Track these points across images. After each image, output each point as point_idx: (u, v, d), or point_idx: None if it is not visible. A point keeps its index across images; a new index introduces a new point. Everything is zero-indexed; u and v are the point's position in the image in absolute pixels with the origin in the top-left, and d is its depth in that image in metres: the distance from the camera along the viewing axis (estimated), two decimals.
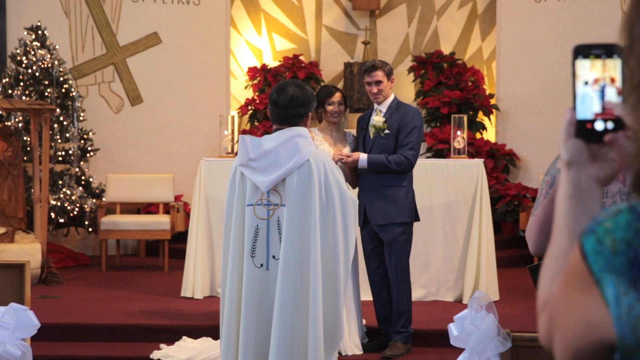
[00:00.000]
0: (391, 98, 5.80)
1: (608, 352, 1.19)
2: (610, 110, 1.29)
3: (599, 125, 1.30)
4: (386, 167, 5.61)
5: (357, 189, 5.90)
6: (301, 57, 10.57)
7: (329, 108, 5.73)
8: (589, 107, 1.31)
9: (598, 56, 1.31)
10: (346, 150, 5.80)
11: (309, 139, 4.06)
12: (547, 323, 1.28)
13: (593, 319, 1.18)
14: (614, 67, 1.30)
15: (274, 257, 4.02)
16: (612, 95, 1.30)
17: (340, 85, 10.85)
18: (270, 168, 4.00)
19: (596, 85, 1.31)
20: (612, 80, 1.30)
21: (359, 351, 5.78)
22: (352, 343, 5.76)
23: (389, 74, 5.76)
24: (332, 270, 4.01)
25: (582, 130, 1.32)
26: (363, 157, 5.63)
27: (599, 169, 1.32)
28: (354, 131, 6.01)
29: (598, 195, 1.33)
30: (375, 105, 5.82)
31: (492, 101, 10.23)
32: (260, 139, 4.07)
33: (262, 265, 4.03)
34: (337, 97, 5.76)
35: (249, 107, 10.34)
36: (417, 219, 5.81)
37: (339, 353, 5.69)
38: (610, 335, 1.17)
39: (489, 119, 10.24)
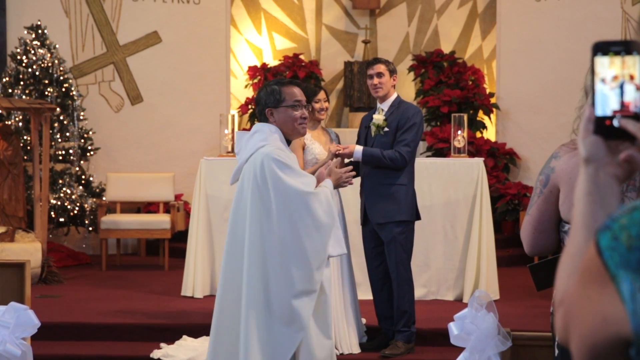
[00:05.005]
0: (394, 97, 5.83)
1: (624, 348, 1.19)
2: (628, 107, 1.30)
3: (618, 122, 1.30)
4: (380, 160, 5.63)
5: (357, 188, 5.92)
6: (301, 56, 10.57)
7: (316, 106, 5.85)
8: (607, 104, 1.31)
9: (617, 53, 1.31)
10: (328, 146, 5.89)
11: (264, 134, 4.05)
12: (564, 319, 1.28)
13: (609, 314, 1.19)
14: (632, 64, 1.30)
15: None
16: (630, 92, 1.30)
17: (340, 85, 10.87)
18: (238, 162, 4.14)
19: (615, 83, 1.31)
20: (631, 77, 1.30)
21: (356, 350, 5.79)
22: (349, 341, 5.77)
23: (391, 71, 5.80)
24: (277, 259, 3.93)
25: (601, 127, 1.32)
26: (358, 149, 5.67)
27: (617, 166, 1.33)
28: (335, 129, 6.12)
29: (616, 192, 1.33)
30: (378, 104, 5.84)
31: (492, 100, 10.23)
32: (243, 134, 4.19)
33: None
34: (322, 94, 5.92)
35: (249, 106, 10.34)
36: (418, 217, 5.81)
37: (336, 350, 5.70)
38: (626, 331, 1.18)
39: (489, 118, 10.24)
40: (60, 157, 9.23)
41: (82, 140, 9.37)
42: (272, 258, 3.92)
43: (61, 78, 9.15)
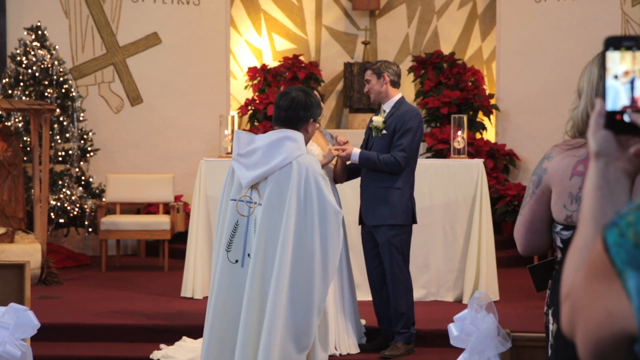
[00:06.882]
0: (396, 97, 5.81)
1: (629, 344, 1.20)
2: (638, 102, 1.30)
3: (628, 117, 1.31)
4: (375, 164, 5.62)
5: (357, 189, 5.93)
6: (301, 57, 10.57)
7: None
8: (618, 99, 1.32)
9: (629, 48, 1.31)
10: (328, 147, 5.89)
11: (298, 143, 4.02)
12: (570, 313, 1.29)
13: (614, 310, 1.19)
14: None
15: (249, 255, 4.02)
16: None
17: (340, 86, 10.87)
18: (255, 165, 4.01)
19: (625, 78, 1.31)
20: None
21: (354, 350, 5.79)
22: (347, 342, 5.77)
23: (378, 73, 5.77)
24: (306, 275, 3.94)
25: (611, 121, 1.32)
26: (356, 151, 5.67)
27: (627, 161, 1.33)
28: (331, 131, 6.11)
29: (626, 187, 1.34)
30: (382, 105, 5.85)
31: (492, 101, 10.23)
32: (253, 136, 4.10)
33: (237, 261, 4.03)
34: (317, 94, 5.88)
35: (249, 107, 10.34)
36: (414, 221, 5.79)
37: (335, 350, 5.70)
38: (631, 327, 1.18)
39: (489, 119, 10.24)
40: (60, 158, 9.23)
41: (82, 141, 9.36)
42: (300, 273, 3.92)
43: (61, 79, 9.15)
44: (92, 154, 9.49)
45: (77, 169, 9.29)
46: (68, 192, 9.06)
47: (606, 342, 1.21)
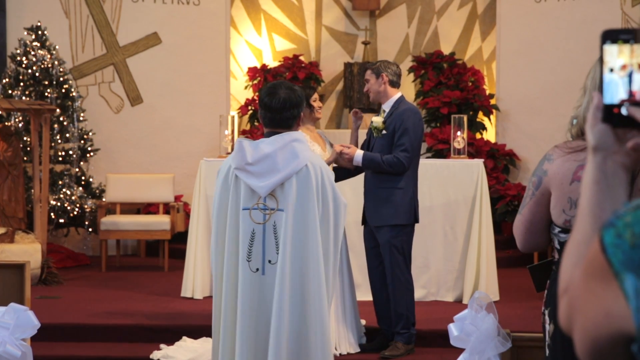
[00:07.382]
0: (396, 97, 5.80)
1: (626, 343, 1.20)
2: (636, 96, 1.30)
3: (626, 111, 1.31)
4: (379, 165, 5.62)
5: (357, 189, 5.93)
6: (301, 57, 10.57)
7: (315, 105, 5.84)
8: (615, 92, 1.31)
9: (626, 41, 1.31)
10: (328, 147, 5.89)
11: (305, 144, 4.05)
12: (567, 309, 1.29)
13: (612, 310, 1.19)
14: None
15: (269, 261, 4.00)
16: (639, 81, 1.30)
17: (340, 86, 10.88)
18: (268, 173, 3.97)
19: (623, 72, 1.31)
20: None
21: (354, 350, 5.79)
22: (347, 342, 5.77)
23: (377, 73, 5.77)
24: (326, 266, 4.04)
25: (609, 115, 1.32)
26: (359, 153, 5.66)
27: (625, 155, 1.33)
28: (331, 130, 6.13)
29: (624, 181, 1.34)
30: (382, 105, 5.86)
31: (492, 101, 10.23)
32: (257, 143, 4.03)
33: (257, 269, 4.01)
34: (316, 94, 5.91)
35: (249, 108, 10.34)
36: (416, 220, 5.79)
37: (335, 350, 5.70)
38: (629, 327, 1.18)
39: (489, 119, 10.24)
40: (60, 158, 9.23)
41: (82, 141, 9.36)
42: (326, 270, 4.04)
43: (61, 79, 9.15)
44: (92, 154, 9.49)
45: (77, 169, 9.29)
46: (68, 192, 9.06)
47: (603, 341, 1.21)
